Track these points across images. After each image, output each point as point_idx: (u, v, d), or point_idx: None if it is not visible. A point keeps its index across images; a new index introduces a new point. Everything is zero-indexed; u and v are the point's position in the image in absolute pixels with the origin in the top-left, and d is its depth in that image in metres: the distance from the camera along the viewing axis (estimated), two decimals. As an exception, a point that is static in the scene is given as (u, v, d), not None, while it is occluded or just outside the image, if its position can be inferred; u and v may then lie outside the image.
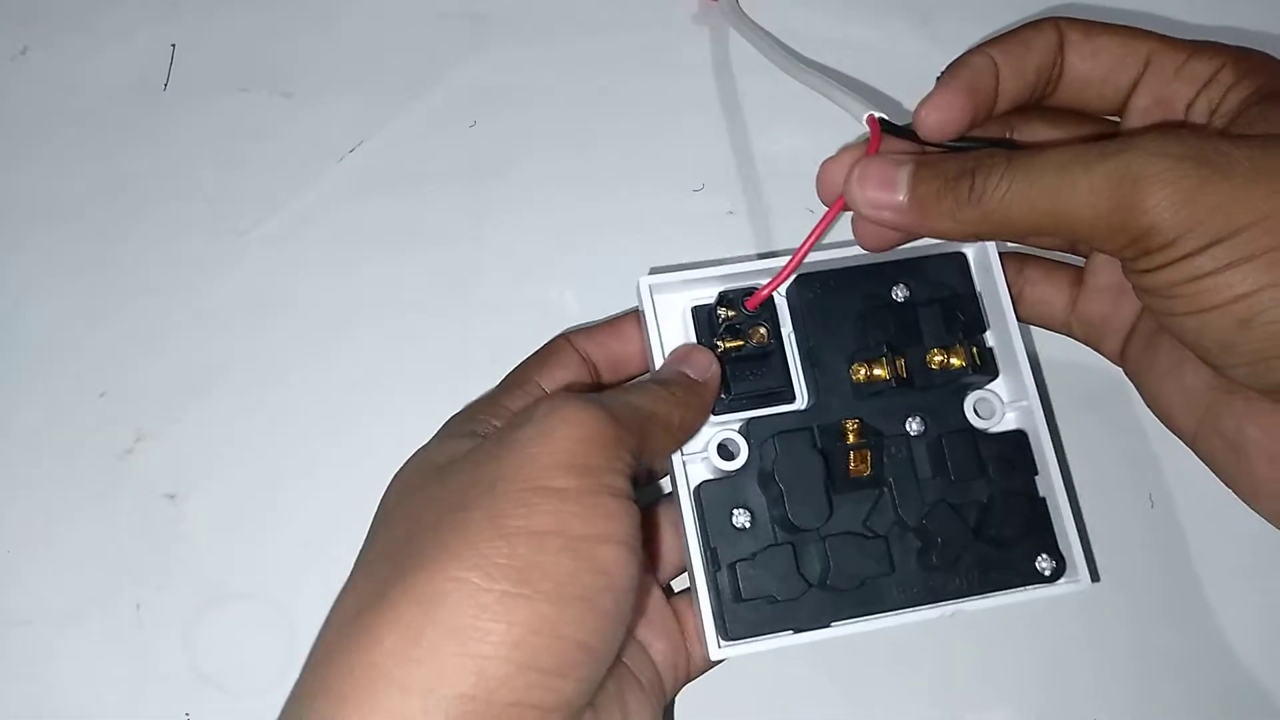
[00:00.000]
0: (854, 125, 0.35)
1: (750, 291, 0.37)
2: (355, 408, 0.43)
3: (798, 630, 0.34)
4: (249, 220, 0.46)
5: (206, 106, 0.48)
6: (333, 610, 0.29)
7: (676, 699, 0.38)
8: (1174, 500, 0.43)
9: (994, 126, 0.37)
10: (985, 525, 0.35)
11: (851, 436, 0.35)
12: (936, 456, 0.36)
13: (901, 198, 0.32)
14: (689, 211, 0.46)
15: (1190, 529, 0.42)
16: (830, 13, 0.49)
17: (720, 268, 0.37)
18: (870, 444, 0.35)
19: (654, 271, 0.37)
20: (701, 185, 0.46)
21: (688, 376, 0.34)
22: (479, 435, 0.34)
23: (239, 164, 0.47)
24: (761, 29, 0.46)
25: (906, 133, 0.34)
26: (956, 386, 0.37)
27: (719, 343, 0.36)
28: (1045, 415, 0.36)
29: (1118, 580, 0.41)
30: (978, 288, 0.38)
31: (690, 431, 0.34)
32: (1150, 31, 0.34)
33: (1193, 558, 0.42)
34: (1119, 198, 0.28)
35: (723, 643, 0.34)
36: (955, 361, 0.36)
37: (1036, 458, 0.36)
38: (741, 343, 0.36)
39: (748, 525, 0.35)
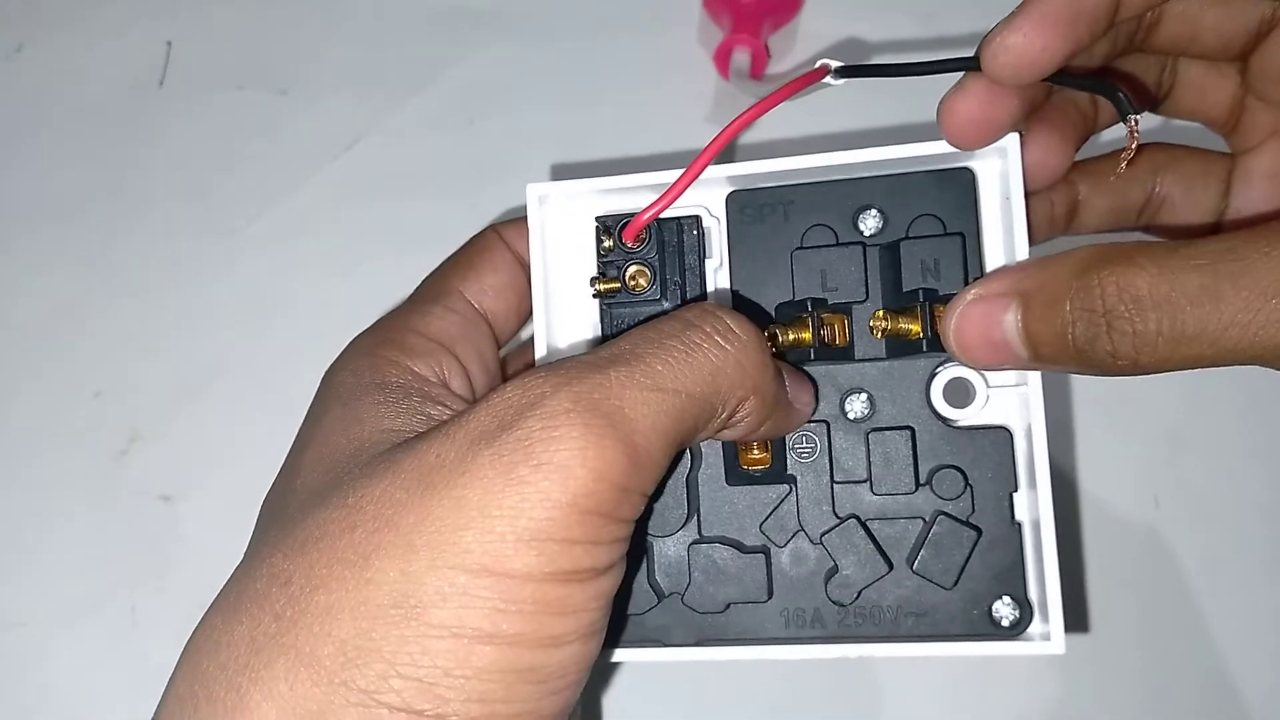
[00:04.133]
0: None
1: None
2: (352, 408, 0.43)
3: (652, 645, 0.29)
4: (245, 219, 0.46)
5: (202, 104, 0.47)
6: (173, 690, 0.23)
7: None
8: (1179, 502, 0.42)
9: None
10: (923, 551, 0.27)
11: None
12: (866, 455, 0.28)
13: (1024, 353, 0.24)
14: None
15: (1193, 529, 0.42)
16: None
17: (632, 177, 0.29)
18: None
19: (558, 177, 0.31)
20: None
21: (784, 386, 0.26)
22: (392, 389, 0.27)
23: (235, 162, 0.46)
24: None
25: (885, 70, 0.27)
26: (926, 360, 0.28)
27: (595, 284, 0.29)
28: (1054, 412, 0.28)
29: (1119, 583, 0.41)
30: (981, 224, 0.28)
31: (744, 434, 0.26)
32: None
33: (1195, 559, 0.42)
34: None
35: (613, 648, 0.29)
36: (906, 327, 0.27)
37: (1021, 467, 0.27)
38: (616, 285, 0.29)
39: None
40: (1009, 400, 0.28)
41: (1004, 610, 0.27)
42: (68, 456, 0.43)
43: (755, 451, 0.28)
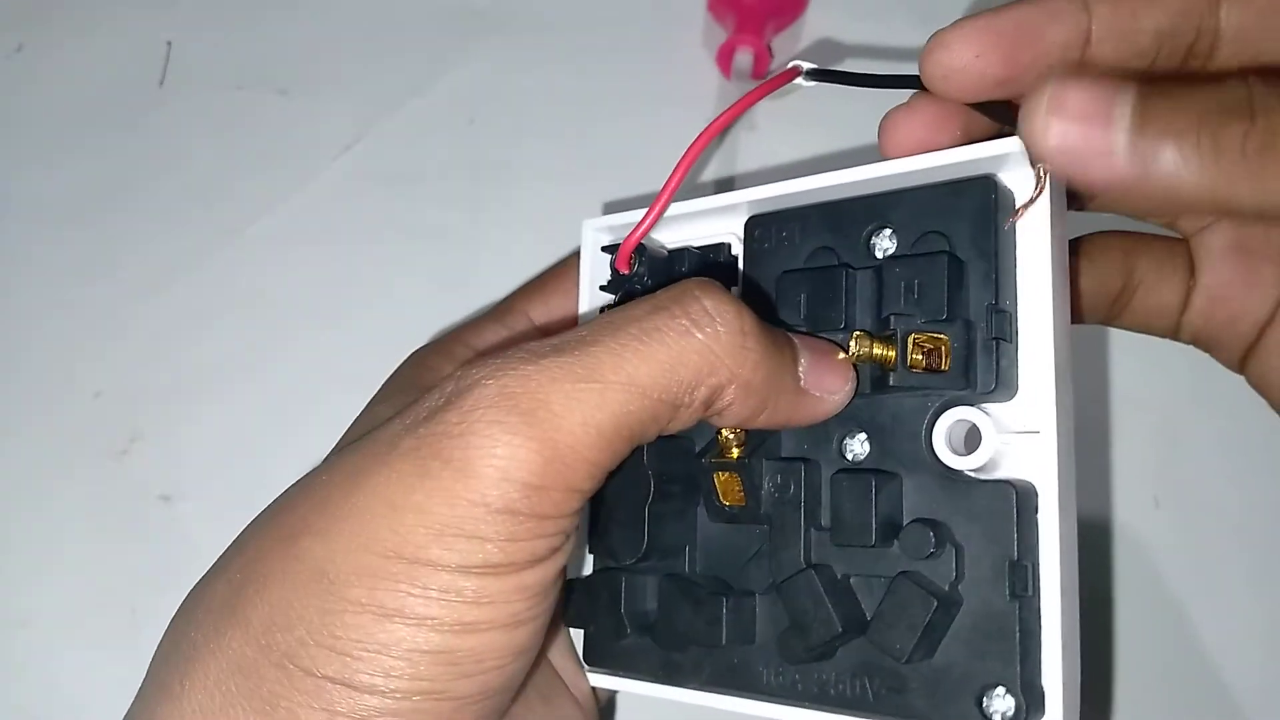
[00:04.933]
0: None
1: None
2: (352, 407, 0.43)
3: (650, 680, 0.27)
4: (245, 218, 0.46)
5: (202, 104, 0.47)
6: (164, 637, 0.25)
7: None
8: (1179, 502, 0.42)
9: None
10: (873, 621, 0.24)
11: (734, 451, 0.26)
12: (832, 500, 0.25)
13: (1121, 138, 0.19)
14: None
15: (1193, 529, 0.42)
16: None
17: (687, 203, 0.27)
18: (738, 466, 0.26)
19: (609, 210, 0.31)
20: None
21: (791, 359, 0.24)
22: (416, 391, 0.27)
23: (235, 162, 0.46)
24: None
25: (852, 79, 0.25)
26: (933, 397, 0.24)
27: (604, 309, 0.28)
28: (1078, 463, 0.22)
29: (1119, 581, 0.41)
30: (997, 243, 0.24)
31: (735, 422, 0.25)
32: None
33: (1195, 559, 0.42)
34: None
35: (586, 667, 0.29)
36: (883, 353, 0.24)
37: (1026, 532, 0.23)
38: None
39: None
40: (1017, 452, 0.23)
41: (997, 704, 0.22)
42: (67, 456, 0.43)
43: (728, 490, 0.26)
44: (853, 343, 0.24)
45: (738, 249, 0.28)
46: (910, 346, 0.24)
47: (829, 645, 0.24)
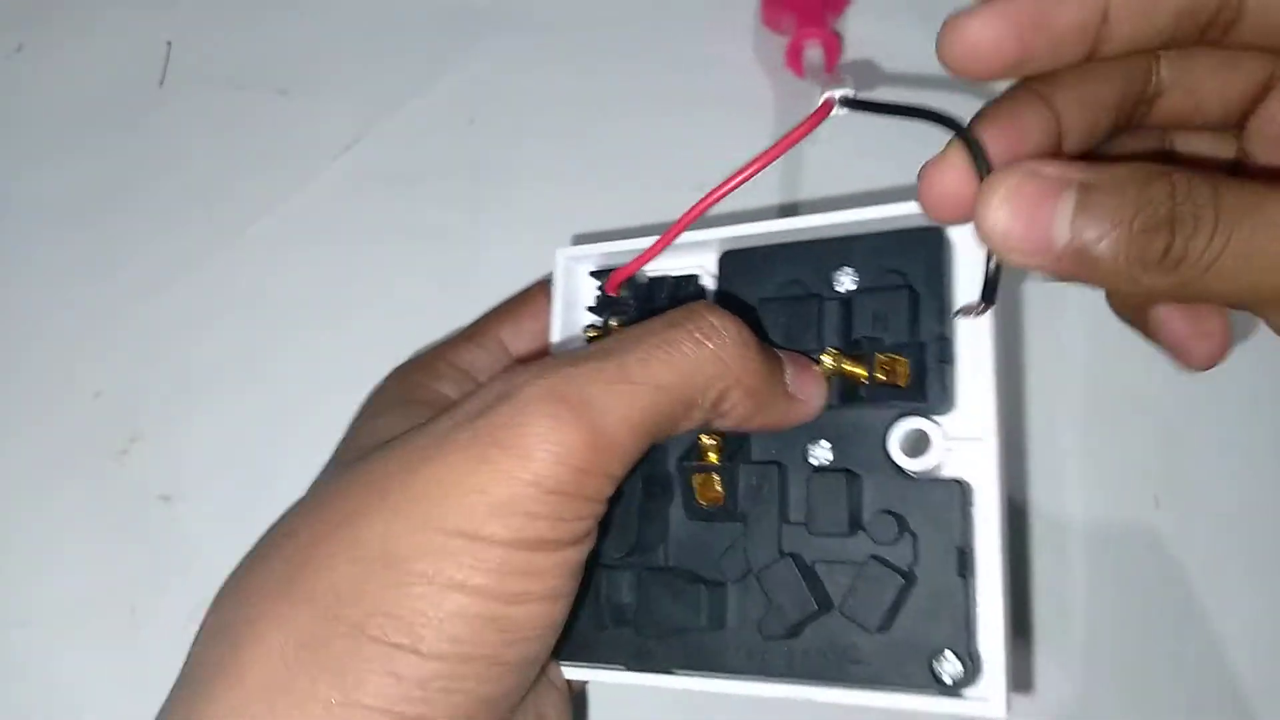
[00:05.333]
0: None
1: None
2: (352, 407, 0.43)
3: (622, 669, 0.30)
4: (245, 218, 0.46)
5: (202, 104, 0.47)
6: (205, 623, 0.27)
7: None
8: (1179, 502, 0.42)
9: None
10: (847, 598, 0.27)
11: (711, 457, 0.29)
12: (809, 496, 0.28)
13: (1059, 242, 0.22)
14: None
15: (1193, 529, 0.42)
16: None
17: (649, 239, 0.30)
18: (718, 468, 0.29)
19: (578, 241, 0.33)
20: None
21: (779, 369, 0.28)
22: (414, 404, 0.30)
23: (235, 162, 0.46)
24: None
25: (882, 108, 0.26)
26: (889, 410, 0.28)
27: (588, 332, 0.32)
28: (1020, 456, 0.28)
29: (1120, 581, 0.41)
30: (948, 280, 0.28)
31: (737, 423, 0.27)
32: None
33: (1195, 559, 0.42)
34: None
35: (561, 662, 0.30)
36: (851, 369, 0.28)
37: (974, 522, 0.27)
38: (597, 334, 0.32)
39: None
40: (964, 455, 0.28)
41: (946, 666, 0.26)
42: (68, 456, 0.43)
43: (707, 490, 0.29)
44: (827, 358, 0.28)
45: (705, 280, 0.32)
46: (877, 364, 0.28)
47: (804, 623, 0.28)
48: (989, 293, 0.26)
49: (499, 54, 0.48)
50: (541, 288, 0.35)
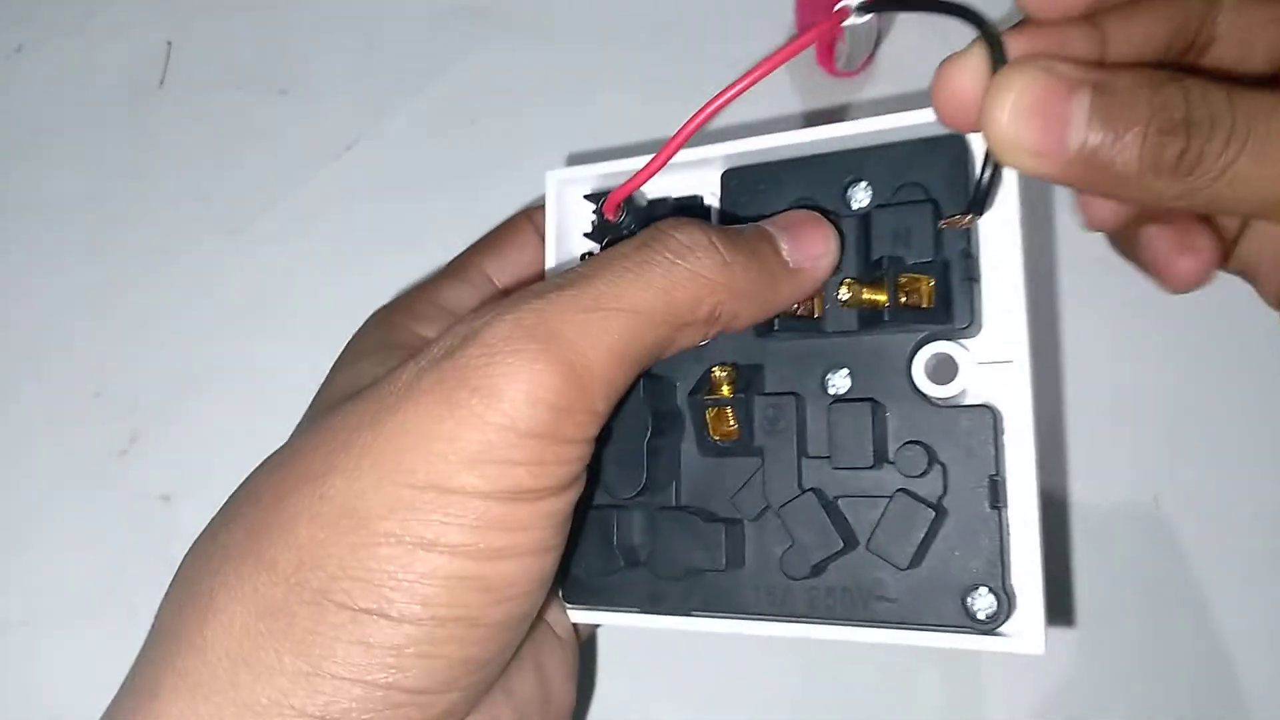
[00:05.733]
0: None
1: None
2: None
3: (637, 611, 0.29)
4: (245, 219, 0.46)
5: (203, 104, 0.47)
6: (168, 593, 0.25)
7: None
8: (1179, 501, 0.42)
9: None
10: (878, 529, 0.26)
11: (725, 390, 0.27)
12: (830, 428, 0.27)
13: (1072, 145, 0.21)
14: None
15: (1193, 529, 0.42)
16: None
17: (643, 158, 0.28)
18: (733, 401, 0.27)
19: (572, 163, 0.31)
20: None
21: (770, 247, 0.26)
22: (394, 348, 0.28)
23: (235, 162, 0.46)
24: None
25: (902, 4, 0.26)
26: (912, 335, 0.27)
27: (584, 258, 0.29)
28: (1052, 391, 0.26)
29: (1118, 581, 0.41)
30: (971, 195, 0.25)
31: (747, 323, 0.26)
32: None
33: (1195, 558, 0.42)
34: None
35: (567, 605, 0.29)
36: (870, 297, 0.26)
37: (1005, 450, 0.25)
38: None
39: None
40: (995, 378, 0.26)
41: (980, 602, 0.25)
42: (68, 456, 0.43)
43: (721, 424, 0.27)
44: (844, 290, 0.26)
45: (709, 201, 0.30)
46: (900, 286, 0.26)
47: (827, 561, 0.26)
48: (979, 201, 0.24)
49: (499, 54, 0.48)
50: (526, 216, 0.33)
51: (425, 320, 0.30)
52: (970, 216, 0.24)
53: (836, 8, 0.26)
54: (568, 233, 0.31)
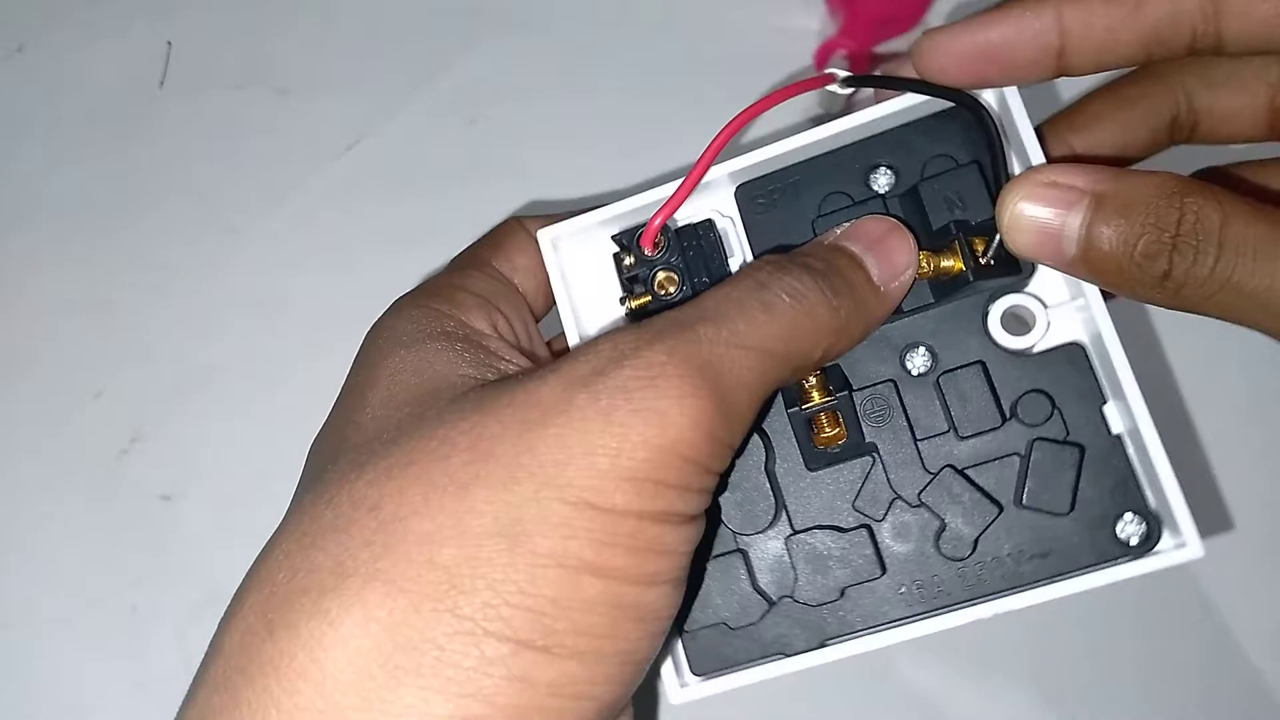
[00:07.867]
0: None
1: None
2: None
3: (779, 657, 0.27)
4: (245, 218, 0.46)
5: (203, 104, 0.47)
6: (242, 620, 0.21)
7: None
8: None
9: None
10: (1029, 482, 0.26)
11: (816, 396, 0.27)
12: (942, 402, 0.27)
13: (1072, 251, 0.24)
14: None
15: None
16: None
17: (614, 206, 0.29)
18: (836, 402, 0.27)
19: (541, 209, 0.31)
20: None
21: (863, 276, 0.25)
22: (452, 338, 0.26)
23: (235, 161, 0.46)
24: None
25: (889, 83, 0.27)
26: (977, 297, 0.27)
27: (626, 303, 0.29)
28: (1119, 319, 0.26)
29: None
30: (1001, 148, 0.26)
31: (839, 354, 0.26)
32: None
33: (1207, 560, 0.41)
34: None
35: (686, 681, 0.27)
36: (948, 265, 0.26)
37: (1104, 378, 0.26)
38: (648, 298, 0.28)
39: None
40: (1070, 317, 0.27)
41: (1129, 528, 0.26)
42: (68, 456, 0.43)
43: (827, 429, 0.27)
44: (920, 265, 0.26)
45: (722, 223, 0.30)
46: (972, 248, 0.26)
47: (984, 532, 0.26)
48: (1003, 256, 0.26)
49: (500, 54, 0.48)
50: (516, 223, 0.32)
51: (470, 309, 0.28)
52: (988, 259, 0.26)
53: (825, 71, 0.28)
54: (572, 282, 0.30)
